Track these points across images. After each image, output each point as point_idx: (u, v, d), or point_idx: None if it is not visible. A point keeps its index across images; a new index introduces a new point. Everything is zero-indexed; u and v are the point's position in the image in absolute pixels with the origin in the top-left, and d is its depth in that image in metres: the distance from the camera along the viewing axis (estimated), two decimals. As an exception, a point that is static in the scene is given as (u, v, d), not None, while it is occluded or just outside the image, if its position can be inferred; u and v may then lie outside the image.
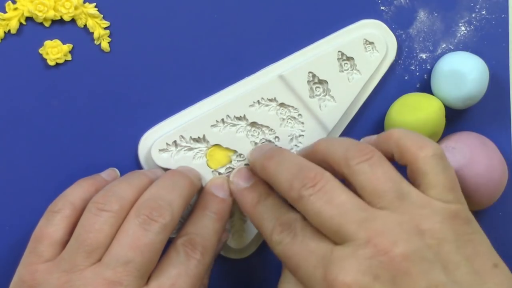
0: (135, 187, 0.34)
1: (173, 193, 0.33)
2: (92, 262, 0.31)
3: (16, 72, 0.39)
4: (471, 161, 0.38)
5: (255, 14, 0.40)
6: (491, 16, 0.41)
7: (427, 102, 0.39)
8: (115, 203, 0.32)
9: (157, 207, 0.32)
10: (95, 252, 0.31)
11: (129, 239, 0.31)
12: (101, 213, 0.32)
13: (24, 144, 0.40)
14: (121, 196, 0.33)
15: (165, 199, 0.33)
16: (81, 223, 0.32)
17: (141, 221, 0.31)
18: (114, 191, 0.33)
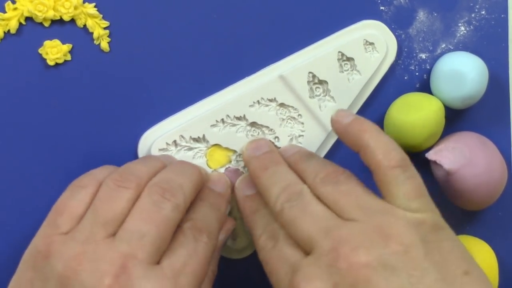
0: (151, 169, 0.35)
1: (184, 177, 0.34)
2: (108, 235, 0.31)
3: (16, 72, 0.39)
4: (471, 161, 0.38)
5: (255, 14, 0.40)
6: (491, 16, 0.42)
7: (427, 102, 0.39)
8: (132, 181, 0.33)
9: (169, 188, 0.33)
10: (111, 225, 0.31)
11: (144, 214, 0.31)
12: (119, 189, 0.32)
13: (24, 144, 0.40)
14: (137, 175, 0.33)
15: (176, 182, 0.33)
16: (99, 197, 0.33)
17: (155, 200, 0.32)
18: (131, 170, 0.34)
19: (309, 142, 0.40)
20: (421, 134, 0.38)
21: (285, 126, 0.40)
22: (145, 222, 0.31)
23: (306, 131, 0.40)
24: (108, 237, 0.31)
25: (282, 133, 0.40)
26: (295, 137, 0.40)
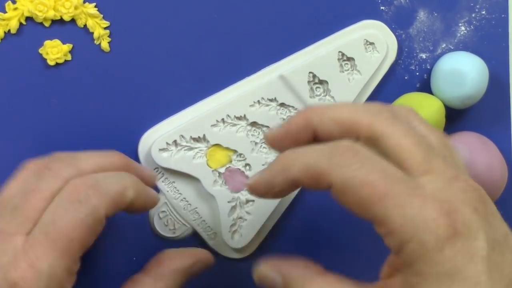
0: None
1: (88, 155, 0.32)
2: None
3: (16, 72, 0.39)
4: (471, 161, 0.38)
5: (255, 14, 0.40)
6: (491, 16, 0.42)
7: (427, 102, 0.39)
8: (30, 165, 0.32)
9: (58, 161, 0.31)
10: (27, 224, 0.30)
11: (24, 187, 0.31)
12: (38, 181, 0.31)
13: (24, 143, 0.40)
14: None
15: (72, 157, 0.32)
16: None
17: (36, 172, 0.31)
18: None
19: (309, 142, 0.40)
20: (421, 134, 0.38)
21: (286, 126, 0.40)
22: (21, 195, 0.30)
23: (307, 131, 0.40)
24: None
25: (283, 133, 0.40)
26: (295, 137, 0.40)
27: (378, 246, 0.42)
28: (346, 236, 0.41)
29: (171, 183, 0.40)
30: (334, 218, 0.41)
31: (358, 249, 0.42)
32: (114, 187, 0.31)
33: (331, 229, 0.41)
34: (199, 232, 0.40)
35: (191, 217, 0.40)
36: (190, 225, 0.40)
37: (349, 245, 0.41)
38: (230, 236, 0.40)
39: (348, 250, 0.41)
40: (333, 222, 0.41)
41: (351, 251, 0.42)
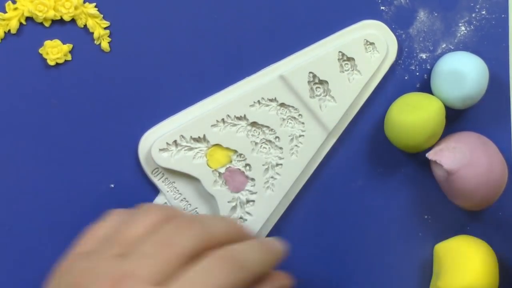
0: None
1: (217, 221, 0.33)
2: (119, 254, 0.31)
3: (16, 72, 0.39)
4: (471, 161, 0.38)
5: (255, 14, 0.40)
6: (491, 16, 0.41)
7: (427, 102, 0.39)
8: (160, 209, 0.33)
9: (196, 221, 0.32)
10: (123, 246, 0.31)
11: (157, 237, 0.31)
12: (143, 212, 0.33)
13: (24, 144, 0.40)
14: (160, 207, 0.34)
15: (206, 220, 0.33)
16: (123, 219, 0.33)
17: (174, 225, 0.31)
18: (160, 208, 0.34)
19: (309, 142, 0.40)
20: (421, 134, 0.38)
21: (286, 126, 0.40)
22: (154, 244, 0.30)
23: (307, 131, 0.40)
24: (119, 256, 0.31)
25: (283, 133, 0.40)
26: (295, 137, 0.40)
27: (377, 247, 0.42)
28: (346, 237, 0.41)
29: (171, 183, 0.40)
30: (334, 220, 0.41)
31: (358, 250, 0.42)
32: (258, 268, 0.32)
33: (330, 231, 0.41)
34: (199, 232, 0.40)
35: (191, 217, 0.40)
36: (190, 225, 0.40)
37: (349, 247, 0.41)
38: (230, 236, 0.40)
39: (347, 251, 0.42)
40: (333, 224, 0.41)
41: (350, 252, 0.42)
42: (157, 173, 0.40)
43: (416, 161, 0.42)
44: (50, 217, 0.40)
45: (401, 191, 0.42)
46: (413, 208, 0.42)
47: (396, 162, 0.42)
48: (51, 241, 0.40)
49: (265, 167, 0.40)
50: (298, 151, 0.40)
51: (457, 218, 0.42)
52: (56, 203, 0.40)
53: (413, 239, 0.42)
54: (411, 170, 0.42)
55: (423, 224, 0.42)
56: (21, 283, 0.40)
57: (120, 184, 0.40)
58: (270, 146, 0.40)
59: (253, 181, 0.40)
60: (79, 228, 0.40)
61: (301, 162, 0.40)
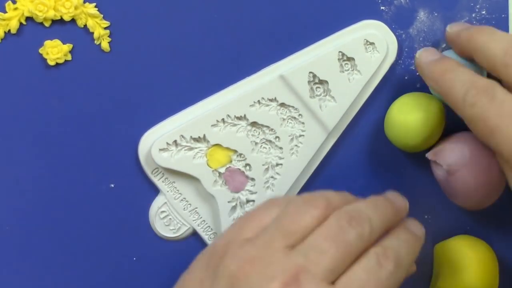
0: (343, 197, 0.34)
1: (374, 212, 0.32)
2: (286, 245, 0.30)
3: (16, 72, 0.39)
4: (471, 161, 0.38)
5: (255, 14, 0.40)
6: (491, 16, 0.41)
7: (427, 102, 0.39)
8: (322, 201, 0.32)
9: (357, 217, 0.31)
10: (291, 237, 0.30)
11: (327, 233, 0.30)
12: (307, 206, 0.32)
13: (24, 143, 0.40)
14: (328, 198, 0.33)
15: (365, 213, 0.32)
16: (286, 210, 0.32)
17: (341, 224, 0.31)
18: (324, 194, 0.33)
19: (309, 142, 0.40)
20: (421, 134, 0.38)
21: (286, 126, 0.40)
22: (326, 240, 0.30)
23: (307, 131, 0.40)
24: (287, 247, 0.30)
25: (283, 133, 0.40)
26: (295, 137, 0.40)
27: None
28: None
29: (171, 183, 0.40)
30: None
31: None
32: (409, 263, 0.33)
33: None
34: (199, 232, 0.40)
35: (191, 217, 0.40)
36: (190, 225, 0.40)
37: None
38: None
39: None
40: (333, 222, 0.41)
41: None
42: (157, 173, 0.40)
43: (416, 161, 0.42)
44: (50, 217, 0.40)
45: (401, 191, 0.42)
46: (413, 208, 0.42)
47: (396, 162, 0.42)
48: (51, 241, 0.40)
49: (265, 167, 0.40)
50: (298, 151, 0.40)
51: (457, 218, 0.42)
52: (56, 203, 0.40)
53: (413, 239, 0.42)
54: (411, 170, 0.42)
55: (423, 224, 0.42)
56: (21, 282, 0.40)
57: (120, 184, 0.40)
58: (270, 146, 0.40)
59: (253, 181, 0.40)
60: (79, 228, 0.40)
61: (301, 162, 0.40)
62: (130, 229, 0.40)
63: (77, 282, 0.41)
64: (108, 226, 0.40)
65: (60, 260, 0.40)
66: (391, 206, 0.34)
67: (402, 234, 0.33)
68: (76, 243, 0.40)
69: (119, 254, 0.41)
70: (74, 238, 0.40)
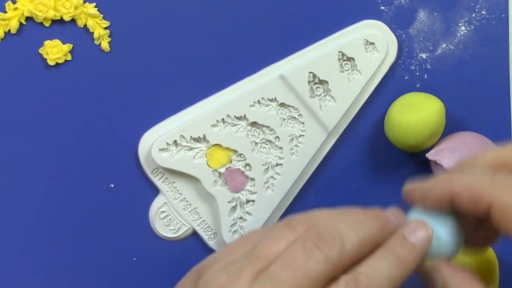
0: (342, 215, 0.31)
1: (352, 230, 0.30)
2: (255, 271, 0.29)
3: (16, 72, 0.39)
4: (471, 161, 0.38)
5: (255, 14, 0.40)
6: (491, 16, 0.41)
7: (427, 102, 0.39)
8: (302, 224, 0.30)
9: (327, 238, 0.29)
10: (261, 262, 0.29)
11: (288, 260, 0.29)
12: (285, 229, 0.30)
13: (24, 143, 0.40)
14: (312, 220, 0.31)
15: (339, 233, 0.29)
16: (267, 232, 0.31)
17: (306, 247, 0.29)
18: (311, 214, 0.31)
19: (309, 142, 0.40)
20: (421, 134, 0.38)
21: (286, 126, 0.40)
22: (285, 268, 0.28)
23: (307, 131, 0.40)
24: (256, 274, 0.29)
25: (283, 133, 0.40)
26: (295, 137, 0.40)
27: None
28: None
29: (171, 183, 0.40)
30: (334, 218, 0.41)
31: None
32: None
33: (331, 229, 0.41)
34: (199, 232, 0.40)
35: (191, 217, 0.40)
36: (190, 225, 0.40)
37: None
38: (230, 236, 0.40)
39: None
40: (333, 222, 0.41)
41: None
42: (157, 173, 0.40)
43: (416, 161, 0.42)
44: (50, 217, 0.40)
45: (401, 191, 0.42)
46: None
47: (396, 162, 0.42)
48: (51, 241, 0.40)
49: (265, 167, 0.40)
50: (298, 151, 0.40)
51: (457, 218, 0.42)
52: (56, 203, 0.40)
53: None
54: (411, 170, 0.42)
55: (423, 224, 0.42)
56: (21, 282, 0.40)
57: (120, 184, 0.40)
58: (270, 146, 0.40)
59: (253, 181, 0.40)
60: (79, 228, 0.40)
61: (301, 162, 0.40)
62: (130, 229, 0.40)
63: (77, 282, 0.41)
64: (108, 226, 0.40)
65: (60, 260, 0.40)
66: (379, 220, 0.31)
67: (389, 252, 0.30)
68: (76, 243, 0.40)
69: (119, 254, 0.41)
70: (74, 238, 0.40)
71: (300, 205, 0.41)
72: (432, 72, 0.41)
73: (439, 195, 0.30)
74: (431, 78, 0.41)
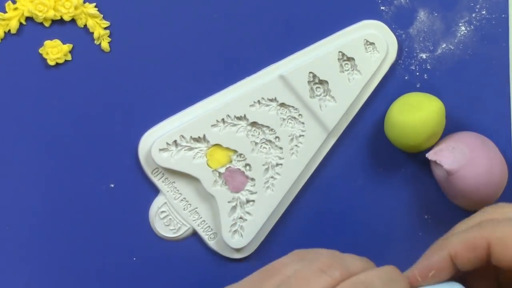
0: (364, 264, 0.31)
1: (385, 285, 0.29)
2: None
3: (16, 72, 0.39)
4: (471, 161, 0.38)
5: (255, 14, 0.40)
6: (491, 16, 0.41)
7: (427, 102, 0.39)
8: (338, 269, 0.29)
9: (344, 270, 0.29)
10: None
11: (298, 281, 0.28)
12: (321, 273, 0.29)
13: (24, 143, 0.40)
14: (347, 266, 0.30)
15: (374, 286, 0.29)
16: (297, 271, 0.30)
17: (322, 275, 0.29)
18: (344, 259, 0.31)
19: (309, 142, 0.40)
20: (421, 134, 0.38)
21: (286, 126, 0.40)
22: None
23: (307, 131, 0.40)
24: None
25: (283, 133, 0.40)
26: (295, 137, 0.40)
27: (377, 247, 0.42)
28: (346, 238, 0.41)
29: (171, 183, 0.40)
30: (334, 219, 0.41)
31: (358, 250, 0.42)
32: None
33: (330, 231, 0.41)
34: (199, 232, 0.40)
35: (191, 217, 0.40)
36: (190, 225, 0.40)
37: (349, 247, 0.41)
38: (230, 236, 0.40)
39: (347, 251, 0.41)
40: (333, 223, 0.41)
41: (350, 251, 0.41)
42: (157, 173, 0.40)
43: (416, 161, 0.42)
44: (50, 217, 0.40)
45: (401, 191, 0.42)
46: (413, 208, 0.42)
47: (396, 162, 0.42)
48: (51, 241, 0.40)
49: (265, 167, 0.40)
50: (298, 151, 0.40)
51: (457, 218, 0.42)
52: (56, 203, 0.40)
53: (413, 239, 0.42)
54: (411, 170, 0.42)
55: (423, 224, 0.42)
56: (21, 282, 0.40)
57: (120, 184, 0.40)
58: (270, 146, 0.40)
59: (253, 181, 0.40)
60: (79, 228, 0.40)
61: (301, 162, 0.40)
62: (130, 229, 0.40)
63: (77, 282, 0.41)
64: (108, 226, 0.40)
65: (60, 260, 0.40)
66: (405, 281, 0.30)
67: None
68: (76, 243, 0.40)
69: (119, 254, 0.41)
70: (74, 238, 0.40)
71: (300, 205, 0.41)
72: (432, 72, 0.41)
73: (439, 263, 0.30)
74: (431, 78, 0.41)
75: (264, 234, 0.41)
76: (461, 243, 0.29)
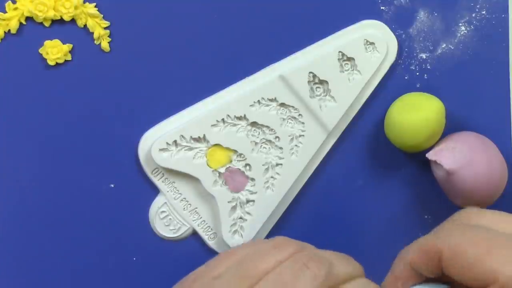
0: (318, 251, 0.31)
1: (340, 261, 0.30)
2: None
3: (16, 72, 0.39)
4: (471, 161, 0.38)
5: (255, 14, 0.40)
6: (491, 16, 0.41)
7: (427, 102, 0.39)
8: (292, 245, 0.30)
9: (317, 259, 0.29)
10: (248, 281, 0.29)
11: (275, 278, 0.28)
12: (274, 249, 0.30)
13: (23, 143, 0.40)
14: (302, 245, 0.31)
15: (329, 259, 0.30)
16: (253, 250, 0.30)
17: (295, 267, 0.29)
18: (301, 242, 0.31)
19: (309, 142, 0.40)
20: (421, 134, 0.38)
21: (286, 126, 0.40)
22: (274, 286, 0.28)
23: (307, 131, 0.40)
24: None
25: (283, 133, 0.40)
26: (295, 137, 0.40)
27: (377, 247, 0.42)
28: (346, 237, 0.41)
29: (171, 183, 0.40)
30: (334, 219, 0.41)
31: (358, 250, 0.42)
32: None
33: (330, 231, 0.41)
34: (199, 232, 0.40)
35: (191, 217, 0.40)
36: (190, 225, 0.40)
37: (349, 247, 0.41)
38: (230, 236, 0.40)
39: (347, 251, 0.41)
40: (333, 223, 0.41)
41: (350, 252, 0.41)
42: (157, 173, 0.40)
43: (416, 161, 0.42)
44: (50, 217, 0.40)
45: (401, 191, 0.42)
46: (413, 208, 0.42)
47: (396, 162, 0.42)
48: (51, 241, 0.40)
49: (265, 167, 0.40)
50: (298, 151, 0.40)
51: (457, 218, 0.42)
52: (56, 203, 0.40)
53: (413, 239, 0.42)
54: (411, 170, 0.42)
55: (423, 224, 0.42)
56: (20, 282, 0.40)
57: (120, 184, 0.40)
58: (270, 146, 0.40)
59: (253, 181, 0.40)
60: (79, 228, 0.40)
61: (301, 162, 0.40)
62: (130, 229, 0.40)
63: (77, 282, 0.41)
64: (108, 226, 0.40)
65: (60, 260, 0.40)
66: (358, 264, 0.32)
67: None
68: (76, 243, 0.40)
69: (119, 254, 0.41)
70: (74, 238, 0.40)
71: (300, 204, 0.41)
72: (432, 72, 0.41)
73: (402, 272, 0.30)
74: (431, 78, 0.41)
75: (264, 234, 0.41)
76: (416, 251, 0.29)
